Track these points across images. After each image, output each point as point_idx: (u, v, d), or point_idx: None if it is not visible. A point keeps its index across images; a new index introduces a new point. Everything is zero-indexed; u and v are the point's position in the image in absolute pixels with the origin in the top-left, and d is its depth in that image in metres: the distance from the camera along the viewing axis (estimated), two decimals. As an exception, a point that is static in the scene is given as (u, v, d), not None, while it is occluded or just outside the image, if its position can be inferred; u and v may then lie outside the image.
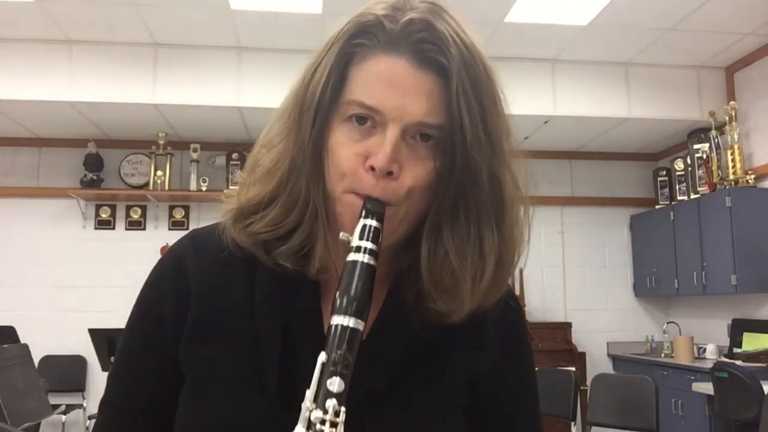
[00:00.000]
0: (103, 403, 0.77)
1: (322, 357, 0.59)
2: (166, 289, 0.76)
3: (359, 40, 0.67)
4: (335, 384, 0.58)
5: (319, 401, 0.58)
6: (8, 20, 4.41)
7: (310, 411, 0.57)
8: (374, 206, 0.65)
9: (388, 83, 0.64)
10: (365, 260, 0.63)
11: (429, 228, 0.68)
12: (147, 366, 0.75)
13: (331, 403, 0.57)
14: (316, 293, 0.72)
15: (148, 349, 0.76)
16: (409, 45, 0.64)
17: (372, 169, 0.64)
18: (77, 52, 4.77)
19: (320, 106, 0.67)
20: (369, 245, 0.63)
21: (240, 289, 0.73)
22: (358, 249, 0.63)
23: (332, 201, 0.68)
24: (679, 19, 4.39)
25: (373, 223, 0.64)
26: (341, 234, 0.65)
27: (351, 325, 0.60)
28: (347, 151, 0.66)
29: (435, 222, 0.68)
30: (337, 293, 0.62)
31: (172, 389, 0.73)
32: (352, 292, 0.61)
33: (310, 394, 0.58)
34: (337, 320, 0.61)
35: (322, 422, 0.57)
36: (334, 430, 0.56)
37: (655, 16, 4.36)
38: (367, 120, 0.65)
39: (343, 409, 0.57)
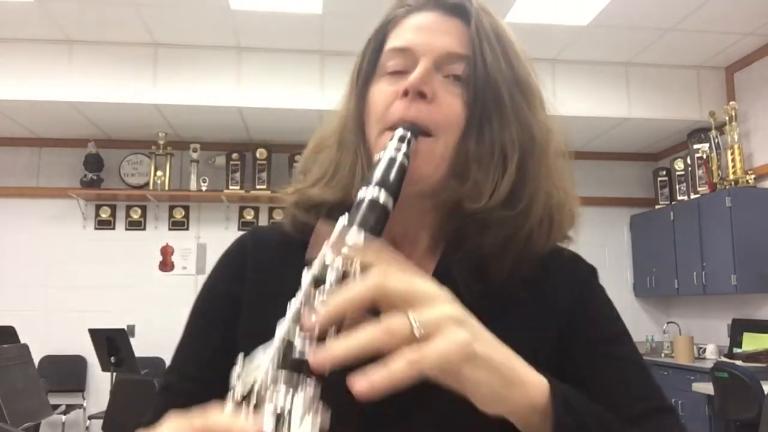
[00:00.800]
0: (161, 388, 0.76)
1: (343, 221, 0.56)
2: (225, 272, 0.77)
3: (396, 11, 0.74)
4: (353, 236, 0.54)
5: (334, 248, 0.54)
6: (8, 20, 4.42)
7: (324, 254, 0.53)
8: (407, 126, 0.65)
9: (417, 28, 0.70)
10: (392, 154, 0.61)
11: (459, 147, 0.68)
12: (203, 348, 0.75)
13: (350, 240, 0.54)
14: None
15: (206, 331, 0.75)
16: (435, 2, 0.71)
17: (406, 94, 0.66)
18: (77, 52, 4.77)
19: (362, 72, 0.73)
20: (399, 144, 0.63)
21: (297, 267, 0.72)
22: (385, 149, 0.63)
23: (372, 152, 0.69)
24: (679, 19, 4.39)
25: (405, 132, 0.64)
26: (375, 156, 0.64)
27: (380, 198, 0.58)
28: (383, 94, 0.69)
29: (464, 143, 0.68)
30: (365, 178, 0.61)
31: (231, 367, 0.72)
32: (379, 172, 0.60)
33: (327, 244, 0.54)
34: (363, 193, 0.58)
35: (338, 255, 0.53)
36: (350, 263, 0.52)
37: (655, 16, 4.36)
38: (402, 72, 0.69)
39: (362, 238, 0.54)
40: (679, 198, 5.59)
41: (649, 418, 0.67)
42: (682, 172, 5.55)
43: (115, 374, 4.47)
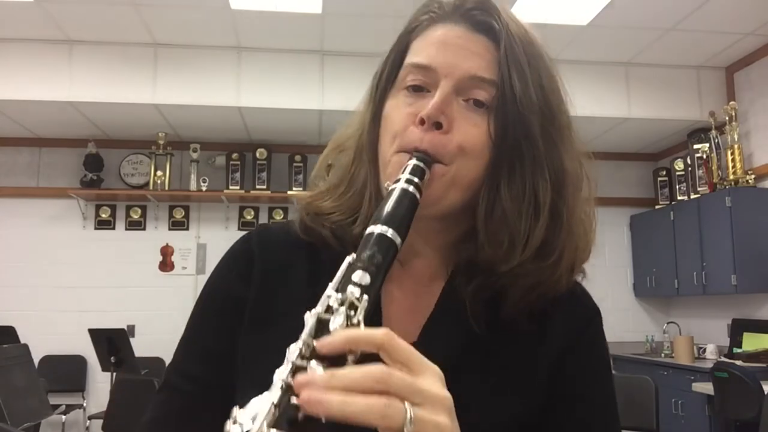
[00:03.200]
0: (162, 386, 0.74)
1: (349, 258, 0.55)
2: (230, 272, 0.75)
3: (421, 18, 0.70)
4: (359, 276, 0.52)
5: (340, 288, 0.52)
6: (8, 20, 4.42)
7: (329, 297, 0.52)
8: (421, 157, 0.63)
9: (442, 44, 0.66)
10: (404, 186, 0.60)
11: (487, 187, 0.66)
12: (206, 349, 0.73)
13: (353, 290, 0.51)
14: None
15: (209, 332, 0.74)
16: (462, 14, 0.67)
17: (422, 123, 0.64)
18: (77, 52, 4.77)
19: (380, 82, 0.71)
20: (411, 177, 0.61)
21: (304, 271, 0.71)
22: (398, 180, 0.61)
23: (381, 170, 0.68)
24: (679, 19, 4.39)
25: (419, 163, 0.62)
26: (386, 183, 0.63)
27: (388, 234, 0.56)
28: (400, 113, 0.67)
29: (493, 181, 0.66)
30: (375, 213, 0.59)
31: (230, 369, 0.70)
32: (389, 208, 0.58)
33: (332, 285, 0.53)
34: (372, 229, 0.57)
35: (342, 304, 0.51)
36: (353, 312, 0.51)
37: (655, 16, 4.36)
38: (423, 88, 0.66)
39: (365, 297, 0.52)
40: (679, 198, 5.58)
41: None
42: (682, 172, 5.55)
43: (115, 374, 4.47)
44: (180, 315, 5.49)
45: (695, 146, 5.32)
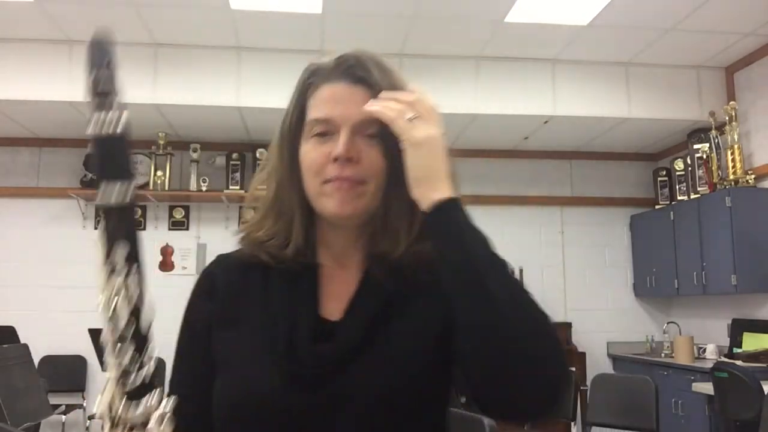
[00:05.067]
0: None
1: None
2: (198, 296, 0.93)
3: (310, 80, 0.90)
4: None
5: None
6: (8, 20, 4.42)
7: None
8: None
9: (333, 100, 0.86)
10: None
11: (386, 195, 0.86)
12: (191, 365, 0.91)
13: None
14: (315, 278, 0.89)
15: (189, 350, 0.92)
16: (342, 71, 0.88)
17: (335, 160, 0.82)
18: (77, 52, 4.77)
19: (289, 133, 0.91)
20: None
21: (257, 286, 0.89)
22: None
23: (315, 200, 0.86)
24: (679, 19, 4.39)
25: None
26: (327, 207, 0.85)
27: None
28: (315, 153, 0.85)
29: (389, 190, 0.85)
30: None
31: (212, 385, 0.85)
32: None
33: None
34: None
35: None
36: None
37: (655, 16, 4.36)
38: (326, 134, 0.85)
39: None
40: (679, 198, 5.59)
41: None
42: (682, 172, 5.55)
43: (115, 374, 4.46)
44: (180, 315, 5.48)
45: (695, 146, 5.32)
